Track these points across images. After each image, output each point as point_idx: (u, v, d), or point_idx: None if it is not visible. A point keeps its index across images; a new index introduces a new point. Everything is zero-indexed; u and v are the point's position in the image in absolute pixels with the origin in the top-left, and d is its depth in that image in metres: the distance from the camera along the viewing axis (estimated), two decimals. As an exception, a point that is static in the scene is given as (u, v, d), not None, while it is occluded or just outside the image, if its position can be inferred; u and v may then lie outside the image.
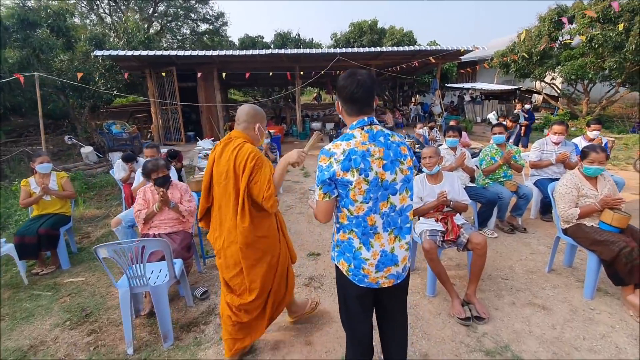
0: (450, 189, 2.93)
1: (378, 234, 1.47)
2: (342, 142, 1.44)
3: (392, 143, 1.44)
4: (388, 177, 1.42)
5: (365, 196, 1.41)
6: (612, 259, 2.42)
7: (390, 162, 1.42)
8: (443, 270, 2.60)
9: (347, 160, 1.38)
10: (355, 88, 1.41)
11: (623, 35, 11.26)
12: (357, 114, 1.46)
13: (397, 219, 1.48)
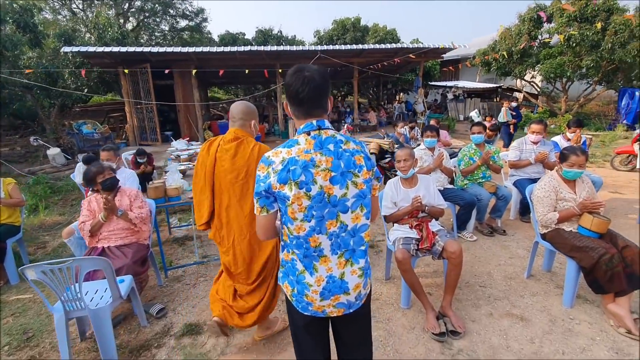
0: (426, 193, 2.77)
1: (324, 257, 1.26)
2: (283, 149, 1.23)
3: (344, 152, 1.22)
4: (337, 192, 1.21)
5: (307, 213, 1.20)
6: (591, 266, 2.30)
7: (340, 174, 1.20)
8: (417, 282, 2.43)
9: (284, 171, 1.18)
10: (301, 86, 1.20)
11: (599, 35, 11.44)
12: (305, 116, 1.26)
13: (349, 241, 1.27)
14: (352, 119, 13.19)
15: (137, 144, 11.06)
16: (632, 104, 12.39)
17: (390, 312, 2.58)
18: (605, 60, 11.83)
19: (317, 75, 1.21)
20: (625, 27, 11.07)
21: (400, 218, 2.76)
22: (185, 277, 3.26)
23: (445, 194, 3.76)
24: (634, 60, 11.22)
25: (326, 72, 1.27)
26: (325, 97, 1.26)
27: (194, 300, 2.86)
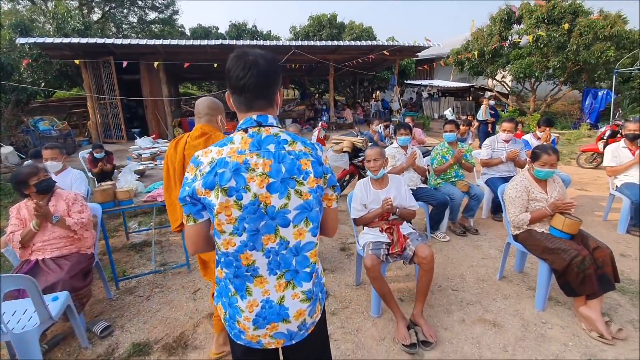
0: (397, 194, 2.63)
1: (260, 278, 1.06)
2: (214, 148, 1.03)
3: (287, 154, 1.02)
4: (275, 202, 1.01)
5: (237, 226, 1.00)
6: (563, 269, 2.24)
7: (280, 181, 1.01)
8: (387, 290, 2.29)
9: (211, 174, 0.98)
10: (242, 71, 1.00)
11: (565, 36, 11.84)
12: (246, 109, 1.05)
13: (291, 260, 1.07)
14: (329, 117, 13.04)
15: (101, 142, 10.42)
16: (595, 103, 12.95)
17: (359, 321, 2.42)
18: (570, 61, 12.28)
19: (262, 60, 1.01)
20: (590, 29, 11.51)
21: (371, 221, 2.60)
22: (139, 288, 2.97)
23: (418, 194, 3.66)
24: (597, 61, 11.70)
25: (276, 58, 1.07)
26: (272, 87, 1.05)
27: (146, 315, 2.59)
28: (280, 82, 1.09)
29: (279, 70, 1.08)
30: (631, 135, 3.74)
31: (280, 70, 1.09)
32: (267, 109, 1.06)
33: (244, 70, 0.99)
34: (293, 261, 1.07)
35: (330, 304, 2.62)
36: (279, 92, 1.10)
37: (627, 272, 2.97)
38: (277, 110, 1.12)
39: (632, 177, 3.76)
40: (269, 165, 1.00)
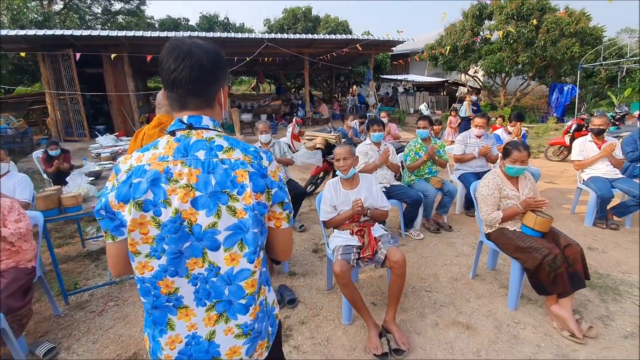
0: (368, 194, 2.51)
1: (184, 309, 0.90)
2: (137, 153, 0.88)
3: (219, 163, 0.86)
4: (202, 220, 0.85)
5: (155, 247, 0.85)
6: (535, 267, 2.19)
7: (208, 195, 0.85)
8: (358, 296, 2.17)
9: (126, 184, 0.84)
10: (173, 63, 0.85)
11: (534, 32, 12.18)
12: (178, 107, 0.91)
13: (223, 289, 0.90)
14: (305, 112, 12.84)
15: (61, 140, 9.76)
16: (561, 98, 13.43)
17: (330, 330, 2.29)
18: (538, 57, 12.66)
19: (200, 51, 0.86)
20: (556, 25, 11.89)
21: (341, 223, 2.48)
22: (91, 302, 2.71)
23: (392, 192, 3.57)
24: (563, 57, 12.12)
25: (219, 50, 0.92)
26: (211, 84, 0.90)
27: (97, 333, 2.36)
28: (224, 79, 0.95)
29: (222, 64, 0.92)
30: (596, 130, 3.80)
31: (225, 64, 0.94)
32: (204, 109, 0.91)
33: (176, 62, 0.84)
34: (225, 290, 0.90)
35: (300, 312, 2.48)
36: (222, 91, 0.94)
37: (595, 265, 3.01)
38: (221, 111, 0.97)
39: (598, 170, 3.83)
40: (196, 175, 0.84)
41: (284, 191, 0.95)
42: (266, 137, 3.91)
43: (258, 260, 0.91)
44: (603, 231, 3.70)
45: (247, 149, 0.92)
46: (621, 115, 8.60)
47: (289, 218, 0.98)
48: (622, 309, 2.42)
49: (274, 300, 1.06)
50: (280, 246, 1.00)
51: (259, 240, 0.90)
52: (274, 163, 0.95)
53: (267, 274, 1.03)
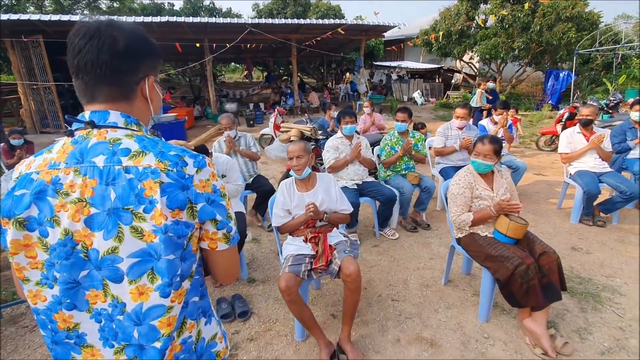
0: (325, 196, 2.26)
1: (89, 348, 0.76)
2: (31, 158, 0.76)
3: (122, 171, 0.69)
4: (99, 244, 0.69)
5: (45, 273, 0.72)
6: (506, 278, 1.97)
7: (106, 213, 0.68)
8: (307, 314, 1.94)
9: (9, 196, 0.71)
10: (79, 41, 0.71)
11: (530, 17, 11.76)
12: (86, 99, 0.75)
13: (131, 331, 0.73)
14: (293, 101, 12.47)
15: (37, 132, 9.41)
16: (556, 84, 13.11)
17: (280, 348, 2.07)
18: (534, 43, 12.27)
19: (113, 30, 0.71)
20: (552, 9, 11.48)
21: (295, 229, 2.23)
22: (27, 315, 2.48)
23: (364, 189, 3.33)
24: (559, 42, 11.75)
25: (140, 33, 0.77)
26: (128, 71, 0.75)
27: (25, 351, 2.13)
28: (152, 68, 0.80)
29: (146, 49, 0.78)
30: (584, 120, 3.54)
31: (151, 51, 0.79)
32: (117, 101, 0.75)
33: (82, 40, 0.70)
34: (134, 332, 0.73)
35: (252, 326, 2.26)
36: (147, 81, 0.79)
37: (578, 268, 2.80)
38: (148, 106, 0.82)
39: (585, 164, 3.59)
40: (92, 187, 0.68)
41: (218, 205, 0.76)
42: (231, 133, 3.62)
43: (176, 293, 0.73)
44: (589, 229, 3.49)
45: (164, 153, 0.72)
46: (615, 103, 8.33)
47: (229, 238, 0.80)
48: (602, 319, 2.22)
49: (217, 334, 0.89)
50: (219, 270, 0.84)
51: (178, 269, 0.73)
52: (207, 170, 0.75)
53: (203, 302, 0.85)
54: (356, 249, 2.21)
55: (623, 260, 2.91)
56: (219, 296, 2.52)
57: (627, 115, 6.79)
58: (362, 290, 2.56)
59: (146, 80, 0.79)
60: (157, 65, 0.83)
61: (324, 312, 2.37)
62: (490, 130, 4.26)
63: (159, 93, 0.85)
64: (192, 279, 0.77)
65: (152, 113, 0.84)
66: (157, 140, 0.76)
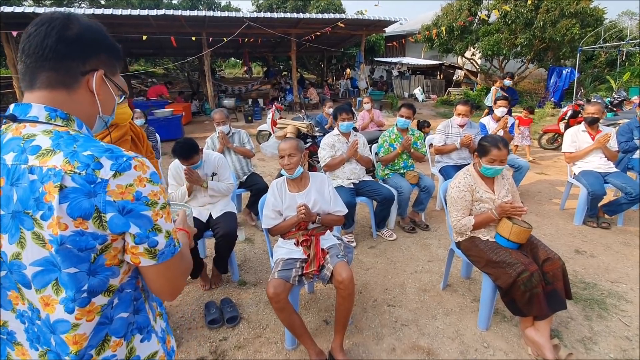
0: (318, 197, 2.14)
1: (19, 347, 0.74)
2: None
3: (27, 171, 0.64)
4: (6, 247, 0.66)
5: None
6: (508, 285, 1.87)
7: (10, 215, 0.65)
8: (297, 322, 1.84)
9: None
10: (31, 28, 0.70)
11: (533, 12, 11.57)
12: (26, 84, 0.72)
13: (49, 338, 0.70)
14: (292, 97, 12.32)
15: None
16: (559, 82, 12.93)
17: (269, 356, 1.97)
18: (537, 39, 12.08)
19: (67, 20, 0.71)
20: (556, 5, 11.29)
21: (287, 231, 2.13)
22: None
23: (361, 188, 3.22)
24: (563, 39, 11.56)
25: (96, 27, 0.76)
26: (72, 58, 0.71)
27: None
28: (103, 63, 0.76)
29: (101, 42, 0.76)
30: (590, 119, 3.42)
31: (107, 46, 0.77)
32: (56, 88, 0.71)
33: (34, 27, 0.69)
34: (52, 340, 0.70)
35: (241, 332, 2.16)
36: (96, 76, 0.74)
37: (582, 273, 2.70)
38: (94, 101, 0.76)
39: (590, 164, 3.47)
40: (0, 186, 0.65)
41: (137, 216, 0.67)
42: (224, 128, 3.51)
43: (83, 310, 0.68)
44: (593, 231, 3.38)
45: (76, 154, 0.65)
46: (619, 101, 8.18)
47: (154, 253, 0.70)
48: (608, 328, 2.12)
49: (157, 352, 0.81)
50: (151, 287, 0.77)
51: (84, 284, 0.67)
52: (130, 174, 0.67)
53: (139, 317, 0.78)
54: (350, 252, 2.10)
55: (629, 265, 2.80)
56: (208, 300, 2.42)
57: (632, 113, 6.65)
58: (357, 295, 2.48)
59: (94, 74, 0.74)
60: (114, 64, 0.80)
61: (317, 318, 2.27)
62: (491, 129, 4.14)
63: (111, 93, 0.79)
64: (114, 294, 0.72)
65: (99, 112, 0.78)
66: (79, 138, 0.68)
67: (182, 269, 0.78)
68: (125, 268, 0.73)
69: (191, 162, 2.47)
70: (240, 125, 10.31)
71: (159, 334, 0.84)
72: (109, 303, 0.72)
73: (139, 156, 0.71)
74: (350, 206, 3.02)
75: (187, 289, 2.59)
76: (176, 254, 0.75)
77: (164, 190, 0.74)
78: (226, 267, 2.61)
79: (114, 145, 0.71)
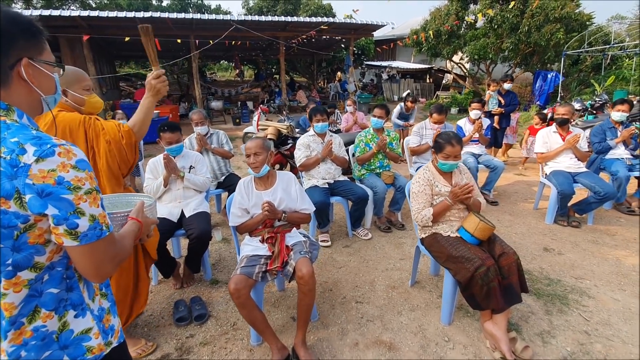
0: (284, 195, 2.18)
1: None
2: None
3: None
4: None
5: None
6: (467, 280, 1.91)
7: None
8: (259, 317, 1.86)
9: None
10: None
11: (518, 17, 11.80)
12: None
13: None
14: (281, 100, 12.37)
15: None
16: (544, 85, 13.17)
17: (234, 352, 1.99)
18: (523, 43, 12.31)
19: None
20: (541, 10, 11.52)
21: (253, 228, 2.15)
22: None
23: (336, 188, 3.26)
24: (547, 43, 11.80)
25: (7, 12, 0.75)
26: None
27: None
28: (26, 47, 0.78)
29: (13, 27, 0.75)
30: (559, 120, 3.51)
31: (22, 27, 0.77)
32: None
33: None
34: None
35: (208, 330, 2.17)
36: (22, 65, 0.77)
37: (547, 269, 2.76)
38: (29, 89, 0.80)
39: (561, 164, 3.56)
40: None
41: (56, 199, 0.72)
42: (202, 129, 3.53)
43: (9, 282, 0.75)
44: (563, 229, 3.46)
45: (4, 140, 0.71)
46: (600, 104, 8.37)
47: (75, 235, 0.75)
48: (567, 322, 2.18)
49: (91, 328, 0.87)
50: (77, 266, 0.81)
51: (8, 258, 0.73)
52: (52, 160, 0.72)
53: (71, 295, 0.84)
54: (315, 249, 2.14)
55: (595, 262, 2.88)
56: (178, 299, 2.43)
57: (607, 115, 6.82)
58: (328, 292, 2.52)
59: (19, 63, 0.76)
60: (37, 43, 0.80)
61: (285, 315, 2.30)
62: (467, 131, 4.22)
63: (44, 72, 0.82)
64: (43, 271, 0.78)
65: (41, 94, 0.83)
66: (13, 126, 0.74)
67: (110, 253, 0.82)
68: (53, 247, 0.78)
69: (174, 139, 2.65)
70: (227, 127, 10.32)
71: (95, 312, 0.89)
72: (37, 278, 0.77)
73: (67, 144, 0.76)
74: (325, 206, 3.07)
75: (158, 288, 2.60)
76: (103, 238, 0.79)
77: (91, 177, 0.78)
78: (198, 266, 2.62)
79: (45, 134, 0.76)
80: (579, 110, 8.52)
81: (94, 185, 0.78)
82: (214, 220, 3.78)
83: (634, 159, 3.83)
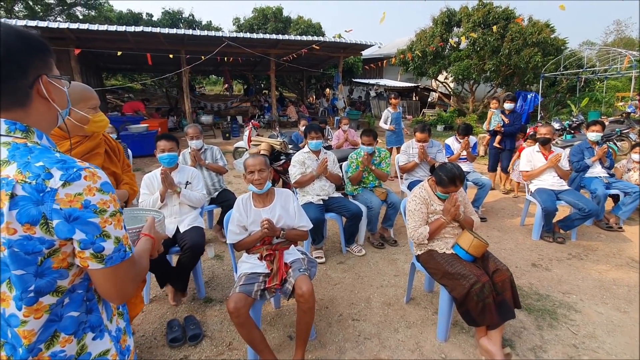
0: (283, 212, 2.20)
1: None
2: None
3: None
4: None
5: None
6: (463, 296, 1.96)
7: None
8: (258, 337, 1.85)
9: None
10: None
11: (499, 41, 12.40)
12: None
13: (6, 329, 0.75)
14: (271, 115, 12.47)
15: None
16: (524, 105, 13.74)
17: (231, 373, 1.96)
18: (504, 65, 12.91)
19: None
20: (520, 35, 12.16)
21: (251, 246, 2.16)
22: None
23: (330, 204, 3.29)
24: (526, 66, 12.40)
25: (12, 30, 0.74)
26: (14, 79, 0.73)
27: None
28: (41, 65, 0.78)
29: (28, 46, 0.75)
30: (542, 139, 3.69)
31: (36, 46, 0.77)
32: (12, 110, 0.75)
33: None
34: (8, 332, 0.75)
35: (203, 350, 2.13)
36: (41, 82, 0.77)
37: (537, 285, 2.84)
38: (49, 106, 0.81)
39: (544, 182, 3.71)
40: None
41: (84, 223, 0.72)
42: (197, 143, 3.54)
43: (30, 309, 0.73)
44: (549, 245, 3.58)
45: (29, 164, 0.70)
46: (577, 124, 8.79)
47: (101, 258, 0.75)
48: (557, 337, 2.24)
49: (109, 350, 0.85)
50: (99, 289, 0.81)
51: (30, 285, 0.72)
52: (79, 184, 0.72)
53: (91, 317, 0.83)
54: (314, 267, 2.15)
55: (580, 277, 2.98)
56: (171, 318, 2.38)
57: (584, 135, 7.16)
58: (324, 310, 2.51)
59: (40, 81, 0.77)
60: (48, 61, 0.81)
61: (282, 334, 2.28)
62: (456, 149, 4.36)
63: (59, 87, 0.83)
64: (64, 294, 0.77)
65: (58, 110, 0.84)
66: (35, 149, 0.74)
67: (131, 274, 0.83)
68: (76, 270, 0.78)
69: (167, 147, 2.64)
70: (217, 142, 10.30)
71: (113, 332, 0.88)
72: (58, 302, 0.76)
73: (91, 167, 0.76)
74: (319, 222, 3.09)
75: (150, 308, 2.54)
76: (126, 260, 0.79)
77: (115, 199, 0.78)
78: (186, 284, 2.55)
79: (69, 157, 0.76)
80: (558, 130, 8.94)
81: (117, 207, 0.78)
82: (206, 237, 3.73)
83: (610, 177, 4.05)
